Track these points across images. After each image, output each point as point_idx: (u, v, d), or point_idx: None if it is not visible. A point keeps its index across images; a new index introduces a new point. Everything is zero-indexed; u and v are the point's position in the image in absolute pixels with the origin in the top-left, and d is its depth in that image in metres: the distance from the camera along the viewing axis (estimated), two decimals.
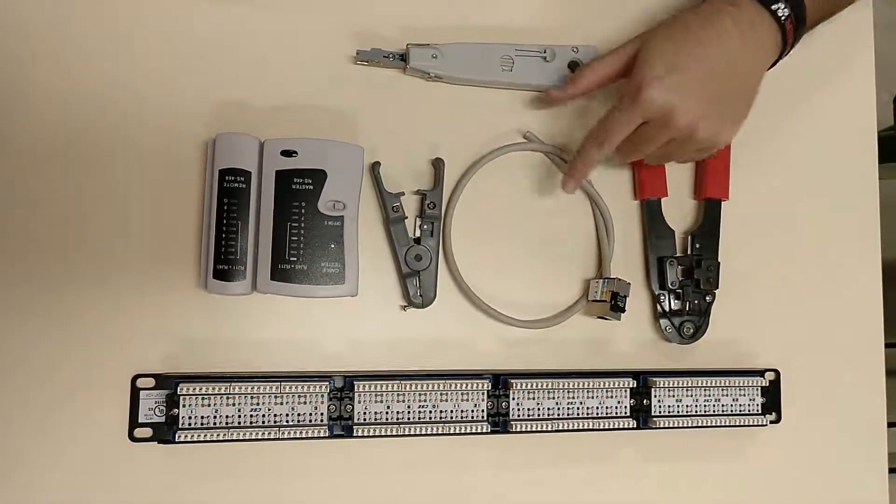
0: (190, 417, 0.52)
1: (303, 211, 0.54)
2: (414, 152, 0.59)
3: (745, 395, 0.62)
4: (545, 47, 0.60)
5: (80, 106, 0.54)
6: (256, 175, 0.54)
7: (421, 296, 0.57)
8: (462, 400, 0.56)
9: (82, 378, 0.53)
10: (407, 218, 0.58)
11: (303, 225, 0.54)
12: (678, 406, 0.60)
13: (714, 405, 0.61)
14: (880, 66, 0.70)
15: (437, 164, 0.59)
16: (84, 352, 0.53)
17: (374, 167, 0.58)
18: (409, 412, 0.55)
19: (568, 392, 0.58)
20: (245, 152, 0.54)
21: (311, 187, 0.54)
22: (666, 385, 0.60)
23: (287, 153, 0.54)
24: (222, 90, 0.57)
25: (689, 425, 0.60)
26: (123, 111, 0.55)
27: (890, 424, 0.67)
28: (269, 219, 0.54)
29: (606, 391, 0.59)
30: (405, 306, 0.58)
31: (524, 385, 0.57)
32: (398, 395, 0.55)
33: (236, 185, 0.53)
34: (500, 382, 0.57)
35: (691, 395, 0.61)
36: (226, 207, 0.53)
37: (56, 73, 0.54)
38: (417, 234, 0.58)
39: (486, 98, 0.61)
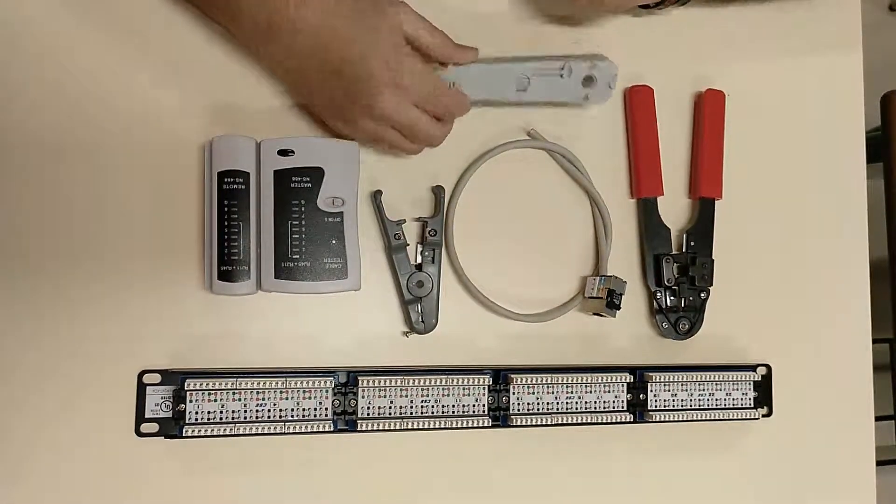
0: (196, 412, 0.52)
1: (302, 209, 0.54)
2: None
3: (737, 389, 0.63)
4: (563, 63, 0.59)
5: (77, 110, 0.54)
6: (255, 175, 0.54)
7: (423, 322, 0.58)
8: (464, 395, 0.57)
9: (89, 374, 0.53)
10: (409, 245, 0.58)
11: (303, 222, 0.54)
12: (674, 400, 0.61)
13: (708, 399, 0.62)
14: (868, 67, 0.71)
15: (438, 192, 0.59)
16: (91, 350, 0.53)
17: (376, 196, 0.58)
18: (411, 407, 0.56)
19: (567, 387, 0.59)
20: (242, 153, 0.54)
21: (310, 185, 0.54)
22: (662, 380, 0.61)
23: (284, 153, 0.54)
24: (217, 93, 0.56)
25: (684, 419, 0.61)
26: (123, 116, 0.55)
27: (877, 418, 0.69)
28: (269, 218, 0.54)
29: (604, 386, 0.60)
30: (407, 333, 0.58)
31: (524, 380, 0.57)
32: (401, 390, 0.56)
33: (235, 186, 0.53)
34: (501, 378, 0.58)
35: (686, 390, 0.62)
36: (226, 209, 0.53)
37: (52, 76, 0.54)
38: (419, 260, 0.58)
39: None
